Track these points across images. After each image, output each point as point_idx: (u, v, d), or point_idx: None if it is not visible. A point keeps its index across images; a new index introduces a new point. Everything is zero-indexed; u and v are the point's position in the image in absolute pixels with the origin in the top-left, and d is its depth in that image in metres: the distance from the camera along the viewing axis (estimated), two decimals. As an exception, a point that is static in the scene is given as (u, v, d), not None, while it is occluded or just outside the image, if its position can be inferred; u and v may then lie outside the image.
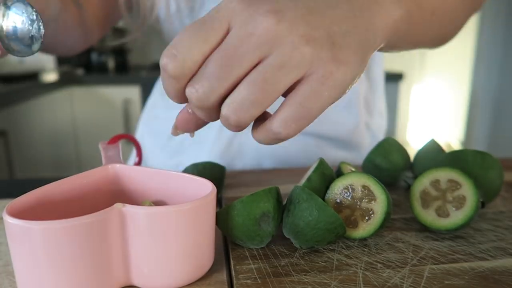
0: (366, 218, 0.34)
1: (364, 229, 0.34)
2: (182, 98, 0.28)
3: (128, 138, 0.42)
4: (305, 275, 0.30)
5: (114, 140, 0.39)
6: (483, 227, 0.37)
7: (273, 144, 0.28)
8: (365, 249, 0.34)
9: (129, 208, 0.26)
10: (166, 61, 0.26)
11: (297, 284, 0.29)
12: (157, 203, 0.34)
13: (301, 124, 0.27)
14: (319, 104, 0.27)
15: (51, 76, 2.19)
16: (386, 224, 0.35)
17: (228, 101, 0.26)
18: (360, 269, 0.31)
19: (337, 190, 0.35)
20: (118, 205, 0.26)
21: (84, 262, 0.25)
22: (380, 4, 0.33)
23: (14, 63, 2.17)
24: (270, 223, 0.32)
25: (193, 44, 0.26)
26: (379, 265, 0.31)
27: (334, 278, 0.29)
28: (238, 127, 0.27)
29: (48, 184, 0.30)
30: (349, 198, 0.34)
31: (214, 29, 0.26)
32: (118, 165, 0.34)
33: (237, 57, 0.25)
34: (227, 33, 0.26)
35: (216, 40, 0.26)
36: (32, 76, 2.08)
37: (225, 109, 0.26)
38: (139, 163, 0.45)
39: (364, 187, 0.34)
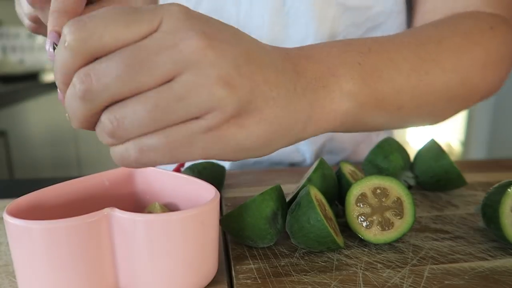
0: (398, 217, 0.34)
1: (399, 227, 0.34)
2: (66, 81, 0.23)
3: None
4: (305, 275, 0.30)
5: None
6: (483, 227, 0.37)
7: (122, 165, 0.24)
8: (365, 249, 0.34)
9: (116, 213, 0.26)
10: (70, 28, 0.21)
11: (297, 284, 0.29)
12: (168, 205, 0.34)
13: (158, 158, 0.23)
14: (190, 153, 0.24)
15: (51, 76, 2.19)
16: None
17: (111, 110, 0.22)
18: (360, 269, 0.31)
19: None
20: (106, 210, 0.26)
21: (76, 264, 0.25)
22: (329, 91, 0.29)
23: (14, 63, 2.17)
24: (279, 220, 0.33)
25: (112, 22, 0.21)
26: (379, 265, 0.31)
27: (334, 278, 0.29)
28: (112, 142, 0.23)
29: (57, 184, 0.30)
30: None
31: (142, 20, 0.22)
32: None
33: (148, 63, 0.21)
34: (153, 31, 0.22)
35: (138, 32, 0.22)
36: (32, 76, 2.08)
37: (106, 117, 0.22)
38: (182, 163, 0.44)
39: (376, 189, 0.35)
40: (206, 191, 0.30)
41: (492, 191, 0.35)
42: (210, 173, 0.44)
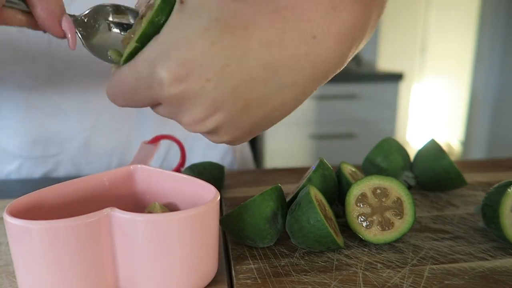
0: (398, 217, 0.34)
1: (400, 226, 0.34)
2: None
3: (170, 138, 0.42)
4: (305, 275, 0.30)
5: (154, 140, 0.39)
6: (483, 227, 0.37)
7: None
8: (365, 249, 0.34)
9: (116, 213, 0.25)
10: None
11: (297, 284, 0.29)
12: (168, 205, 0.34)
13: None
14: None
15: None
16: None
17: None
18: (360, 269, 0.31)
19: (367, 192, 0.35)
20: (106, 210, 0.26)
21: (75, 264, 0.25)
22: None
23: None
24: (278, 220, 0.33)
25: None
26: (379, 265, 0.31)
27: (334, 278, 0.29)
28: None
29: (57, 184, 0.30)
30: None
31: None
32: (139, 166, 0.34)
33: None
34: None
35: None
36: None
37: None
38: (182, 163, 0.44)
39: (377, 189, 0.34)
40: (207, 191, 0.30)
41: (492, 191, 0.35)
42: (210, 173, 0.44)
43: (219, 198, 0.28)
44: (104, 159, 0.57)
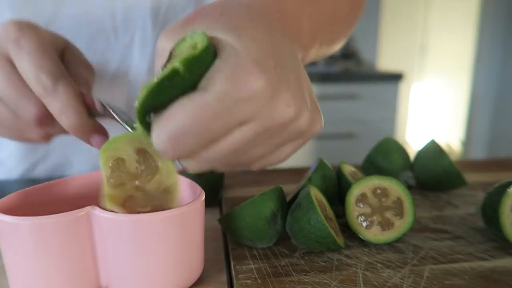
0: (398, 217, 0.34)
1: (400, 226, 0.34)
2: None
3: None
4: (305, 275, 0.30)
5: None
6: (483, 227, 0.37)
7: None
8: (365, 249, 0.34)
9: (96, 212, 0.25)
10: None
11: (297, 284, 0.29)
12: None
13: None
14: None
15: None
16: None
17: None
18: (360, 269, 0.31)
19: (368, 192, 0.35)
20: (87, 208, 0.26)
21: (57, 261, 0.25)
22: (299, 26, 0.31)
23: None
24: (278, 221, 0.32)
25: None
26: (379, 265, 0.31)
27: (334, 278, 0.29)
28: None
29: (53, 181, 0.30)
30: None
31: None
32: None
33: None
34: None
35: None
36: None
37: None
38: None
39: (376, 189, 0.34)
40: (193, 191, 0.30)
41: (492, 191, 0.35)
42: (210, 173, 0.44)
43: (203, 198, 0.28)
44: (94, 149, 0.56)
